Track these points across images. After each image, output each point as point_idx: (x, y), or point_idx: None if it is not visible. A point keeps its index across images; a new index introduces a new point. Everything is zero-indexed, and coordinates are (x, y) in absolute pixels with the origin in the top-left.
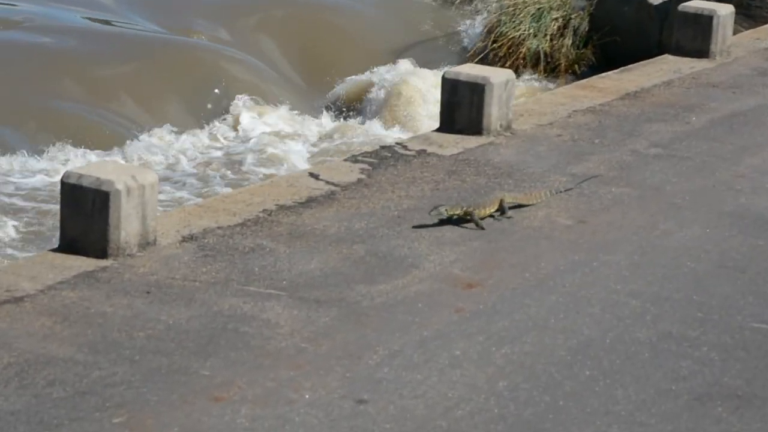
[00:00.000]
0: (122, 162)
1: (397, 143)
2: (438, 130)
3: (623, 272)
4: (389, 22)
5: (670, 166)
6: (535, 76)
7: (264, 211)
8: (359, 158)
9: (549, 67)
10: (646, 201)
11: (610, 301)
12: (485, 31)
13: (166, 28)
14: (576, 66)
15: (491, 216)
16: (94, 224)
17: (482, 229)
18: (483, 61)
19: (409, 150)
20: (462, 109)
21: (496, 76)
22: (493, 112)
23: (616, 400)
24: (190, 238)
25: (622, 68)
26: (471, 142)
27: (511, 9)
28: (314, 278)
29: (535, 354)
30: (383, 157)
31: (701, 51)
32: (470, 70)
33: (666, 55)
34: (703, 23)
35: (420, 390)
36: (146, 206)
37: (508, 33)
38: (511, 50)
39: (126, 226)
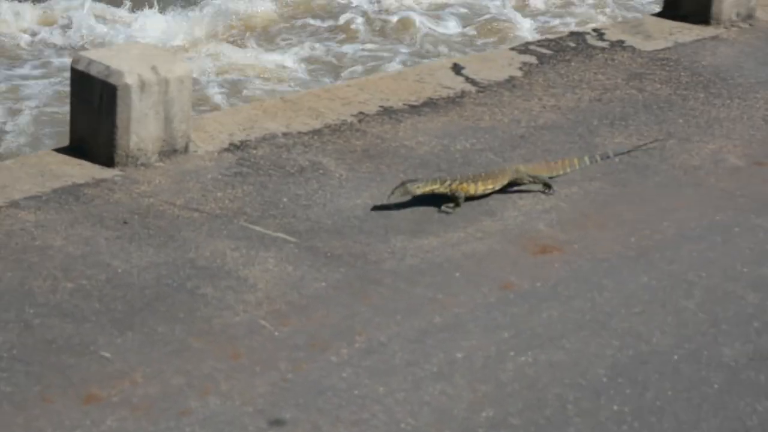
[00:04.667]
0: (153, 45)
1: (594, 29)
2: (659, 14)
3: (766, 246)
4: None
5: None
6: None
7: (358, 114)
8: (531, 47)
9: None
10: None
11: (717, 293)
12: None
13: None
14: None
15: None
16: (102, 124)
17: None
18: None
19: (604, 40)
20: None
21: None
22: None
23: None
24: (238, 146)
25: None
26: (689, 33)
27: None
28: (347, 220)
29: (562, 368)
30: (563, 47)
31: None
32: None
33: None
34: None
35: (368, 412)
36: (171, 105)
37: None
38: None
39: (139, 129)
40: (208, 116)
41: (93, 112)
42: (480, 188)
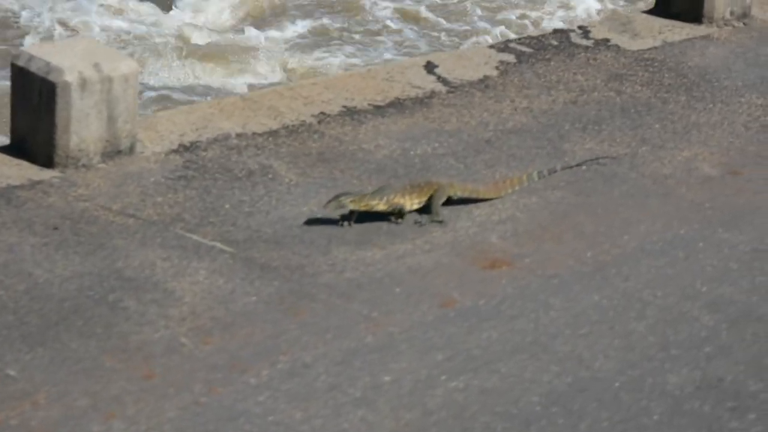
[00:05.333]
0: (98, 39)
1: (579, 27)
2: (651, 11)
3: (730, 264)
4: None
5: None
6: None
7: (319, 114)
8: (511, 45)
9: None
10: None
11: (671, 314)
12: None
13: None
14: None
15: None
16: (42, 123)
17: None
18: None
19: (588, 38)
20: None
21: None
22: None
23: None
24: (188, 147)
25: None
26: (680, 32)
27: None
28: (289, 229)
29: (494, 395)
30: (545, 45)
31: None
32: None
33: None
34: None
35: None
36: (115, 104)
37: None
38: None
39: (80, 129)
40: (161, 114)
41: (33, 111)
42: (408, 203)
